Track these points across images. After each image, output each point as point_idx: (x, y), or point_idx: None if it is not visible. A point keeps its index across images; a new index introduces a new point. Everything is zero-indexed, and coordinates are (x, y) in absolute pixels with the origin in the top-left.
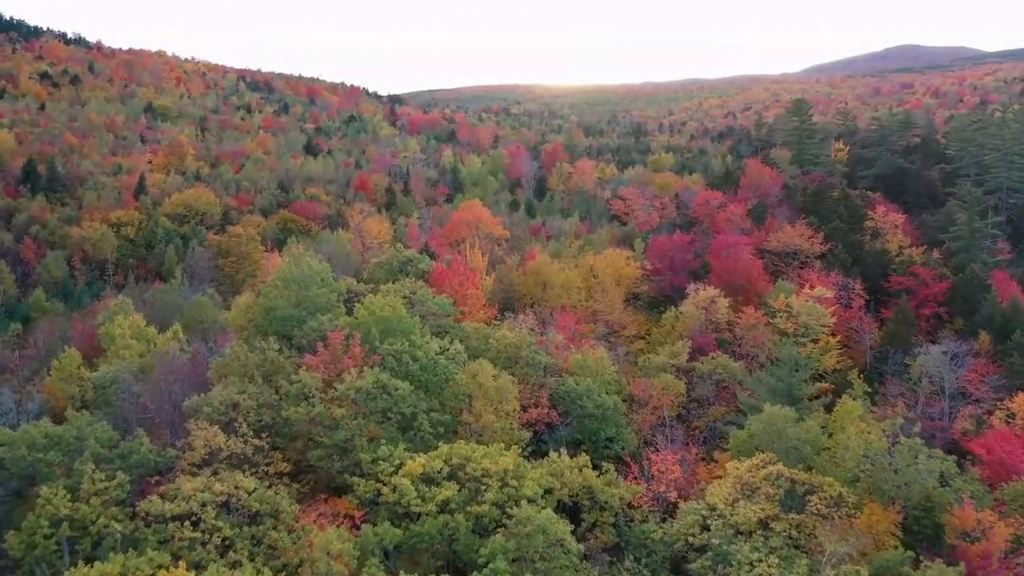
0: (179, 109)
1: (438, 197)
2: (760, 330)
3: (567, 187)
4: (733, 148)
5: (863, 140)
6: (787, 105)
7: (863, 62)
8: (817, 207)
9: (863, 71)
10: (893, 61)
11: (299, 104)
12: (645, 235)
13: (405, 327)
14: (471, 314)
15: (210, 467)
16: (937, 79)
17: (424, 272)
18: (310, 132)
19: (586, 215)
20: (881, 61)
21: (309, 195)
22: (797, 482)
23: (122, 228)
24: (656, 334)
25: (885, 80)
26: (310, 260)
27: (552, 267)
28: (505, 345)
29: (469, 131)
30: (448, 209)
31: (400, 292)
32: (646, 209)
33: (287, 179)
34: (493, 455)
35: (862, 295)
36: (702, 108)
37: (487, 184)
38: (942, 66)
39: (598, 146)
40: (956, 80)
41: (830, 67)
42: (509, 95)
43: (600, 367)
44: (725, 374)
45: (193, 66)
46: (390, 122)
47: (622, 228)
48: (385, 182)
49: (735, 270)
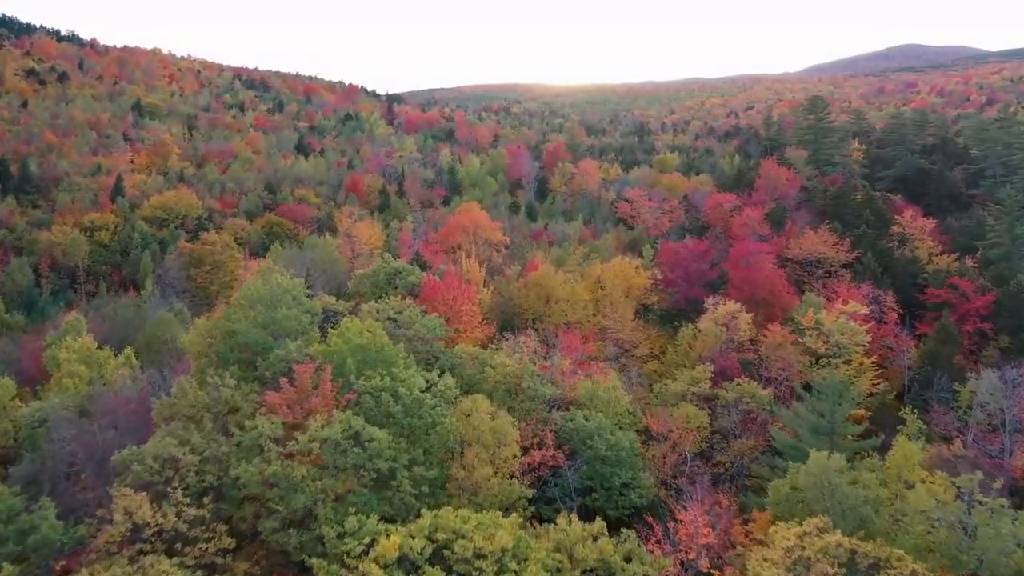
0: (169, 107)
1: (434, 199)
2: (788, 350)
3: (570, 188)
4: (741, 148)
5: (880, 139)
6: (792, 104)
7: (865, 61)
8: (840, 211)
9: (865, 70)
10: (895, 60)
11: (295, 102)
12: (654, 240)
13: (387, 357)
14: (466, 333)
15: (133, 546)
16: (940, 78)
17: (414, 285)
18: (303, 131)
19: (590, 218)
20: (883, 60)
21: (298, 197)
22: (860, 554)
23: (96, 232)
24: (672, 354)
25: (888, 79)
26: (280, 276)
27: (556, 279)
28: (504, 375)
29: (468, 130)
30: (444, 212)
31: (384, 313)
32: (654, 213)
33: (276, 180)
34: (488, 526)
35: (895, 309)
36: (704, 107)
37: (486, 185)
38: (945, 65)
39: (600, 146)
40: (961, 79)
41: (831, 66)
42: (509, 94)
43: (612, 398)
44: (753, 403)
45: (188, 64)
46: (387, 121)
47: (629, 232)
48: (379, 183)
49: (756, 281)
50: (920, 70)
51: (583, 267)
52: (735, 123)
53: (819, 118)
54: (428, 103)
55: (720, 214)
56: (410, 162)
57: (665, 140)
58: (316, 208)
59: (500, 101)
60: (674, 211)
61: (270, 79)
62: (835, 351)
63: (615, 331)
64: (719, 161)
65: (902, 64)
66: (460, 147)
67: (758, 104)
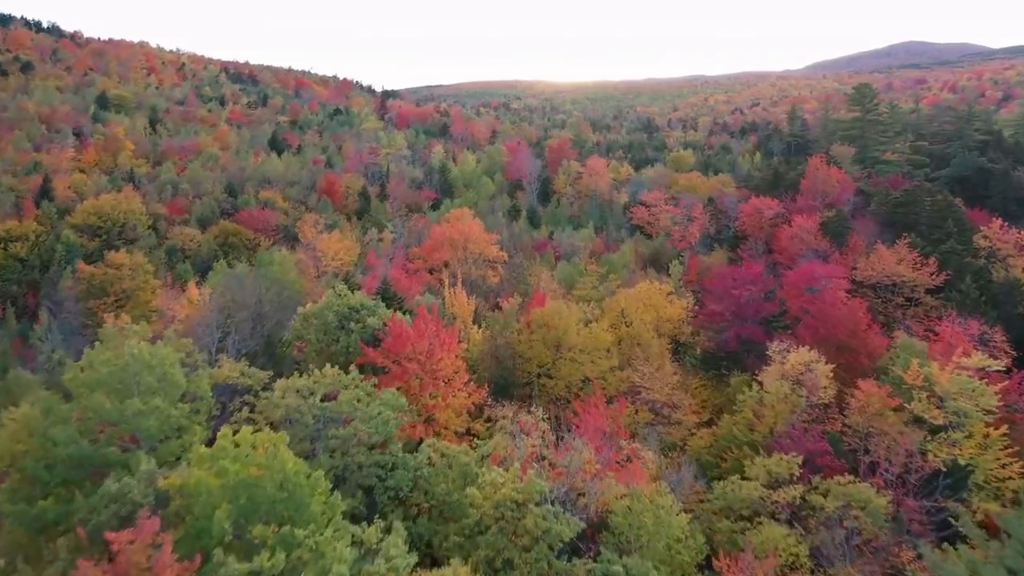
0: (140, 100)
1: (422, 202)
2: (889, 419)
3: (576, 189)
4: (760, 144)
5: (931, 135)
6: (798, 100)
7: (867, 59)
8: (912, 220)
9: (868, 67)
10: (897, 58)
11: (279, 96)
12: (679, 254)
13: (293, 501)
14: (444, 401)
15: None
16: (947, 75)
17: (375, 330)
18: (284, 125)
19: (602, 225)
20: (885, 58)
21: (262, 200)
22: None
23: (10, 244)
24: (729, 426)
25: (894, 76)
26: (136, 346)
27: (568, 318)
28: (497, 502)
29: (464, 125)
30: (431, 220)
31: (310, 409)
32: (678, 220)
33: (240, 180)
34: None
35: (1006, 350)
36: (708, 104)
37: (482, 186)
38: (950, 62)
39: (607, 142)
40: (972, 75)
41: (833, 64)
42: (510, 91)
43: (662, 520)
44: (867, 519)
45: (173, 56)
46: (379, 115)
47: (648, 243)
48: (359, 184)
49: (832, 318)
50: (926, 67)
51: (600, 291)
52: (751, 119)
53: (867, 109)
54: (425, 99)
55: (758, 222)
56: (397, 160)
57: (676, 136)
58: (283, 214)
59: (500, 97)
60: (698, 217)
61: (260, 73)
62: (954, 420)
63: (650, 390)
64: (737, 159)
65: (905, 61)
66: (455, 143)
67: (763, 101)
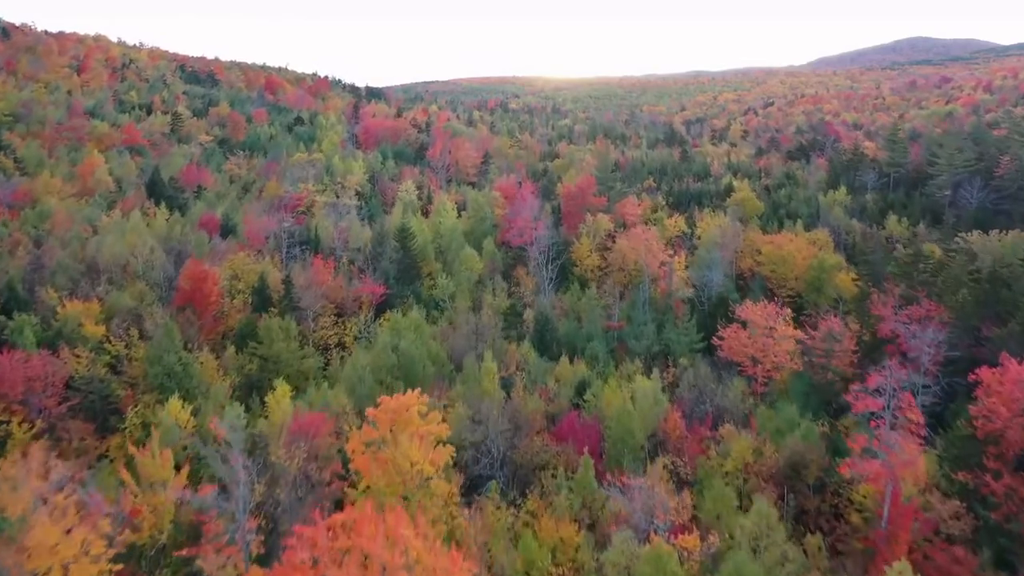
0: (28, 107)
1: (361, 305)
2: None
3: (611, 265)
4: (836, 171)
5: None
6: (812, 100)
7: (872, 54)
8: None
9: (874, 63)
10: (903, 54)
11: (227, 101)
12: None
13: None
14: None
15: None
16: (962, 71)
17: None
18: (210, 147)
19: (665, 347)
20: (891, 54)
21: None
22: None
23: None
24: None
25: (906, 72)
26: None
27: None
28: None
29: (447, 144)
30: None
31: None
32: (806, 357)
33: (58, 262)
34: None
35: None
36: (717, 103)
37: (463, 264)
38: (962, 58)
39: (629, 162)
40: (1008, 72)
41: (837, 60)
42: (507, 87)
43: None
44: None
45: (121, 49)
46: (350, 123)
47: (761, 410)
48: (252, 275)
49: None
50: (937, 63)
51: None
52: (767, 122)
53: None
54: (418, 97)
55: None
56: (339, 213)
57: (712, 153)
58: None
59: (498, 95)
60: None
61: (227, 71)
62: None
63: None
64: (817, 198)
65: (911, 57)
66: (433, 173)
67: (777, 100)
